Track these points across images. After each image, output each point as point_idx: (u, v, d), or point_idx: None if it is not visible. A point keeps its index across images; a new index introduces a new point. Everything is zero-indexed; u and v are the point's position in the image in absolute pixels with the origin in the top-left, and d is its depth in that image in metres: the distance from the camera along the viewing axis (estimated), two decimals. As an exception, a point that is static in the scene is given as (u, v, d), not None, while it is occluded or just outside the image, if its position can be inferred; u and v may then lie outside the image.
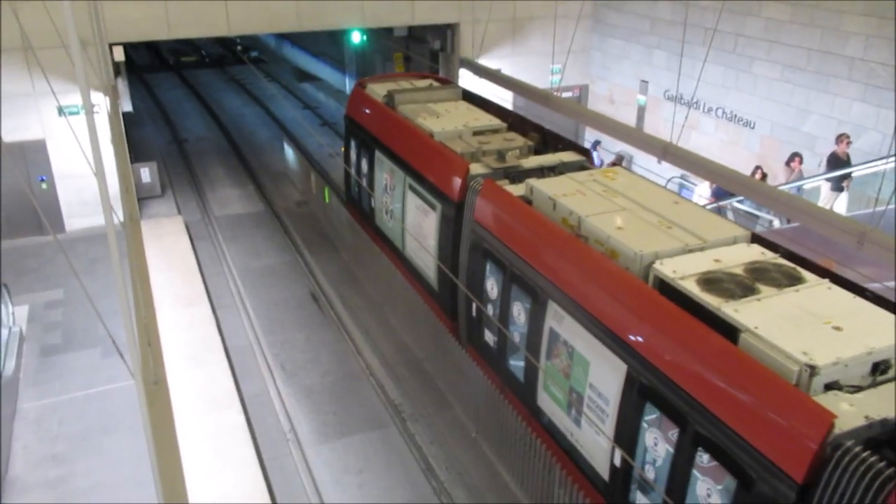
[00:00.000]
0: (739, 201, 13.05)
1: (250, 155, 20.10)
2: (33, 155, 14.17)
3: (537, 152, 9.84)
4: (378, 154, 11.44)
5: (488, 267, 8.41)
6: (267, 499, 8.00)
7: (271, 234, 15.25)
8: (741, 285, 5.96)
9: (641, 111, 17.85)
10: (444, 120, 10.75)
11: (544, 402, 7.56)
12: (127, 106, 15.24)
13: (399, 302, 11.32)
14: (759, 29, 14.35)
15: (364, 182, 12.26)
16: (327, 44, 26.41)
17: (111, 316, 7.89)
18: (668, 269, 6.28)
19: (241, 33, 16.79)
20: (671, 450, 5.68)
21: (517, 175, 9.02)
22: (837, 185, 12.83)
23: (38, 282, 12.96)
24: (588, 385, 6.68)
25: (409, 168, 10.36)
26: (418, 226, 10.17)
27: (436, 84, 12.77)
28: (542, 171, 9.06)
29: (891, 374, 5.15)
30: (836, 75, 13.07)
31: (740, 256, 6.48)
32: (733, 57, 15.01)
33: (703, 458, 5.36)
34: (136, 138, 19.71)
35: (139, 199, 15.30)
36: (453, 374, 9.43)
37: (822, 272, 6.22)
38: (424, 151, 10.10)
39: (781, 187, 12.96)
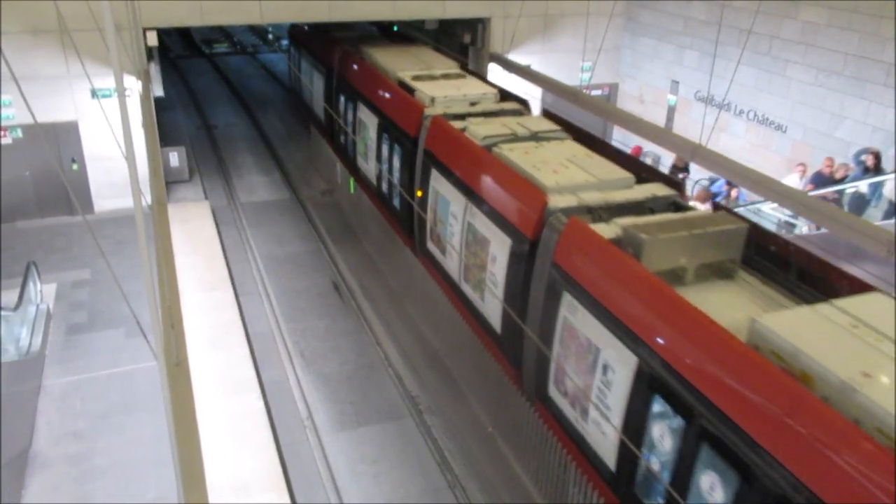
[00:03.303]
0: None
1: (277, 143, 20.22)
2: (65, 136, 14.40)
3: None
4: (303, 52, 17.25)
5: (345, 103, 13.49)
6: (283, 484, 8.09)
7: (296, 222, 15.35)
8: (435, 81, 11.54)
9: (671, 111, 17.66)
10: (348, 33, 16.11)
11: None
12: (158, 90, 15.39)
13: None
14: (796, 32, 14.11)
15: (297, 73, 18.07)
16: (357, 35, 26.50)
17: (136, 297, 7.97)
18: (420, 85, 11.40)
19: (273, 22, 16.83)
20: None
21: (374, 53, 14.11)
22: None
23: (66, 261, 13.18)
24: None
25: (316, 56, 15.85)
26: (318, 89, 15.69)
27: None
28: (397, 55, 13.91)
29: (479, 105, 10.56)
30: (873, 81, 12.81)
31: (463, 86, 11.53)
32: (767, 59, 14.78)
33: (392, 148, 10.98)
34: (166, 123, 19.90)
35: (167, 182, 15.48)
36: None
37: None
38: (325, 46, 15.29)
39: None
